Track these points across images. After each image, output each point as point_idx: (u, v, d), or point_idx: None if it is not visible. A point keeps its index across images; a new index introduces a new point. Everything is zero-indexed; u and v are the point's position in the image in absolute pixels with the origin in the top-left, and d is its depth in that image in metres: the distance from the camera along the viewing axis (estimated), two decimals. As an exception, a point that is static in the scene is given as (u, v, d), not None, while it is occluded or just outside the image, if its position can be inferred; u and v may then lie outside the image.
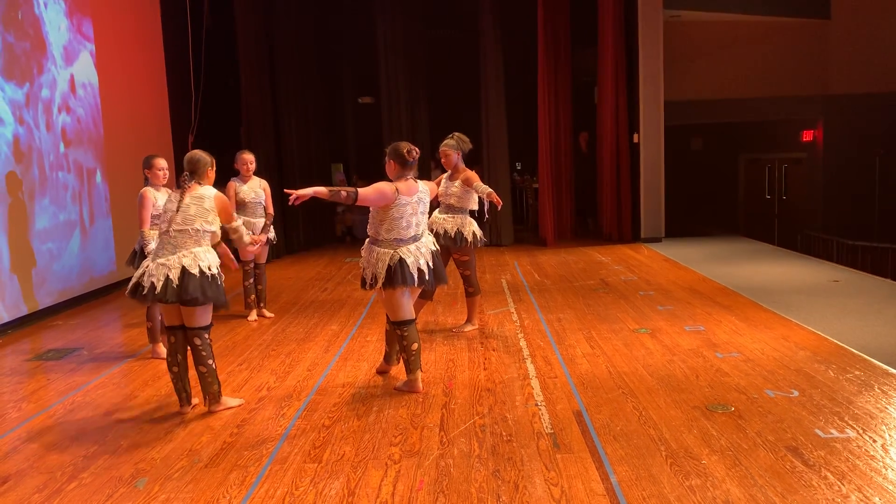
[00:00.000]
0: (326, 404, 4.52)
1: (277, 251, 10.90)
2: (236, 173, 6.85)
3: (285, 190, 4.43)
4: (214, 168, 4.57)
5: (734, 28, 13.11)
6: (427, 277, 4.62)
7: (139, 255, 5.53)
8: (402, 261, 4.51)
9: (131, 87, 9.57)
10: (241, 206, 6.74)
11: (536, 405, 4.36)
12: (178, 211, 4.35)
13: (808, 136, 13.96)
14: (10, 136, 7.11)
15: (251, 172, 6.83)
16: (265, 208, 6.84)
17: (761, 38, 13.17)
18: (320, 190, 4.28)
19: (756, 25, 13.04)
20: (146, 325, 5.79)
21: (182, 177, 4.42)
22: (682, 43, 12.77)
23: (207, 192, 4.43)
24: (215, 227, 4.42)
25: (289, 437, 4.02)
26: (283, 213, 11.36)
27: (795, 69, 13.29)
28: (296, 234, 11.63)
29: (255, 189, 6.81)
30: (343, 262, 10.52)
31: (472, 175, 5.97)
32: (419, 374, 4.68)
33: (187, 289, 4.21)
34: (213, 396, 4.47)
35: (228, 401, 4.56)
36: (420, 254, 4.60)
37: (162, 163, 5.70)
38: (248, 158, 6.83)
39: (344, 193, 4.35)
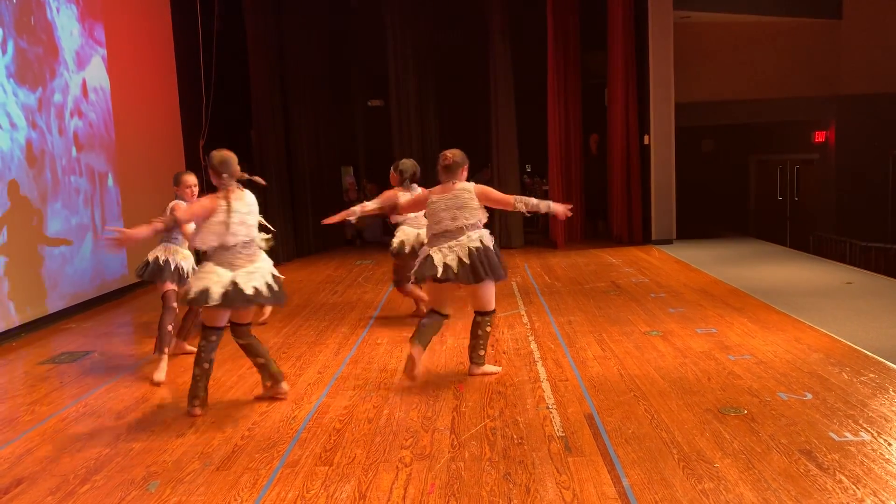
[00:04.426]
0: (337, 407, 4.53)
1: (288, 254, 10.93)
2: (247, 184, 6.81)
3: (322, 221, 4.69)
4: None
5: (745, 29, 13.04)
6: (455, 273, 4.71)
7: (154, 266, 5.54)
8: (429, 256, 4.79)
9: (143, 92, 9.62)
10: None
11: (547, 408, 4.34)
12: (237, 222, 4.38)
13: (820, 136, 13.85)
14: (23, 140, 7.16)
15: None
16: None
17: (772, 38, 13.09)
18: (367, 207, 4.86)
19: (767, 26, 12.97)
20: (166, 329, 5.46)
21: (222, 180, 4.39)
22: (693, 44, 12.71)
23: (252, 204, 4.52)
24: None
25: (300, 440, 4.02)
26: (294, 217, 11.42)
27: (807, 70, 13.19)
28: (306, 238, 11.66)
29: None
30: (353, 265, 10.53)
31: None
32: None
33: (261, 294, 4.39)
34: (279, 376, 4.71)
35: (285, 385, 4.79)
36: (450, 251, 4.76)
37: (190, 179, 5.59)
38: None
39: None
